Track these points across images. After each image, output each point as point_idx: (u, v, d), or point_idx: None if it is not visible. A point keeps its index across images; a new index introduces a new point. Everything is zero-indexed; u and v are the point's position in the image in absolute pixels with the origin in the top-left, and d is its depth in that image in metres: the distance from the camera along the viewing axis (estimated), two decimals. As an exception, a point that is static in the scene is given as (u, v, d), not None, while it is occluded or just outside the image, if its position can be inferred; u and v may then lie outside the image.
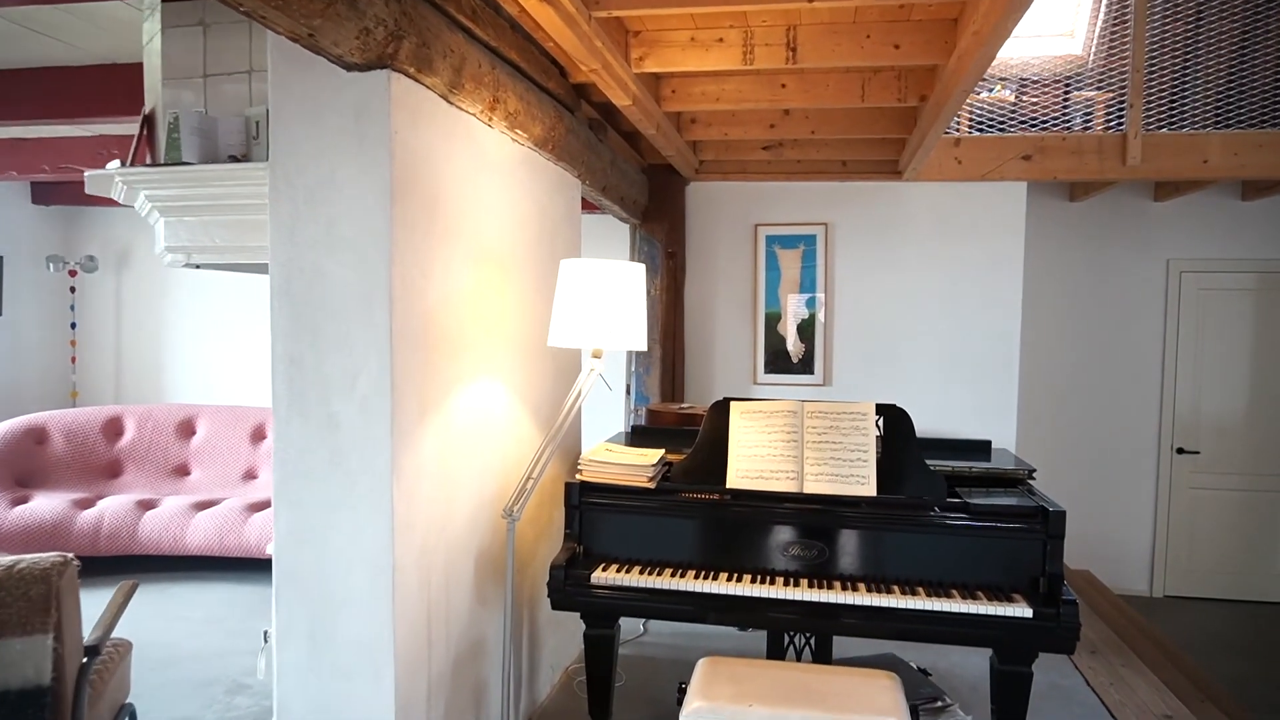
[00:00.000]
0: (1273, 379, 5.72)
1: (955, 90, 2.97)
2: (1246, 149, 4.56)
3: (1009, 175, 4.70)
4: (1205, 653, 4.75)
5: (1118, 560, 5.84)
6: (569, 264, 2.54)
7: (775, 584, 2.49)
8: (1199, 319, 5.77)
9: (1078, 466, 5.86)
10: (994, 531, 2.44)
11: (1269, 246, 5.66)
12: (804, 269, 4.90)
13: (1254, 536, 5.76)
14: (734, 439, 2.69)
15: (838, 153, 4.59)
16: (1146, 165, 4.60)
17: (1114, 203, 5.78)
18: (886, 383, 4.87)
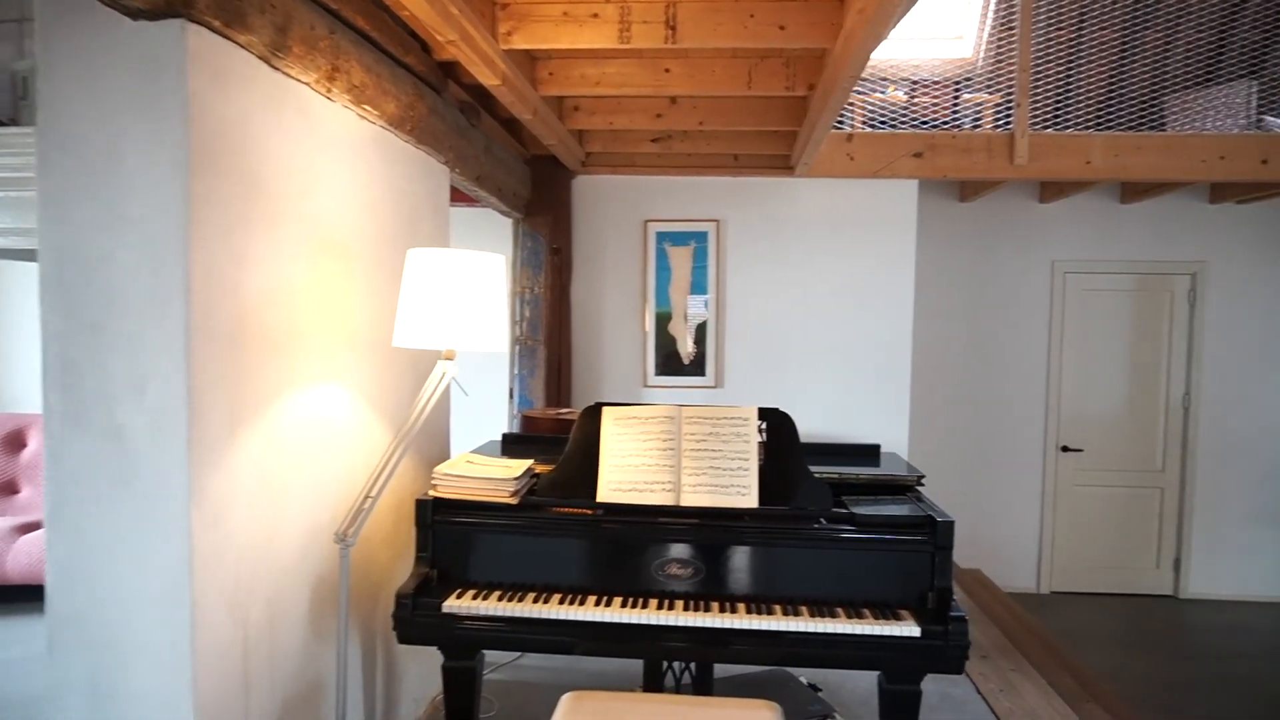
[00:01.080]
0: (1149, 377, 5.86)
1: (843, 76, 2.82)
2: (1126, 150, 4.60)
3: (900, 173, 4.63)
4: (1091, 648, 4.79)
5: (1007, 558, 5.88)
6: (417, 254, 2.26)
7: (649, 608, 2.27)
8: (1082, 319, 5.87)
9: (969, 466, 5.87)
10: (881, 544, 2.28)
11: (1146, 248, 5.80)
12: (695, 267, 4.72)
13: (1134, 531, 5.89)
14: (606, 448, 2.46)
15: (729, 146, 4.42)
16: (1033, 165, 4.60)
17: (1002, 204, 5.82)
18: (780, 384, 4.73)
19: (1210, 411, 5.79)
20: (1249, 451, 5.78)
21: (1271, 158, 4.59)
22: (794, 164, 4.47)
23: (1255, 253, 5.76)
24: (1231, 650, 4.90)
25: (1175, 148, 4.62)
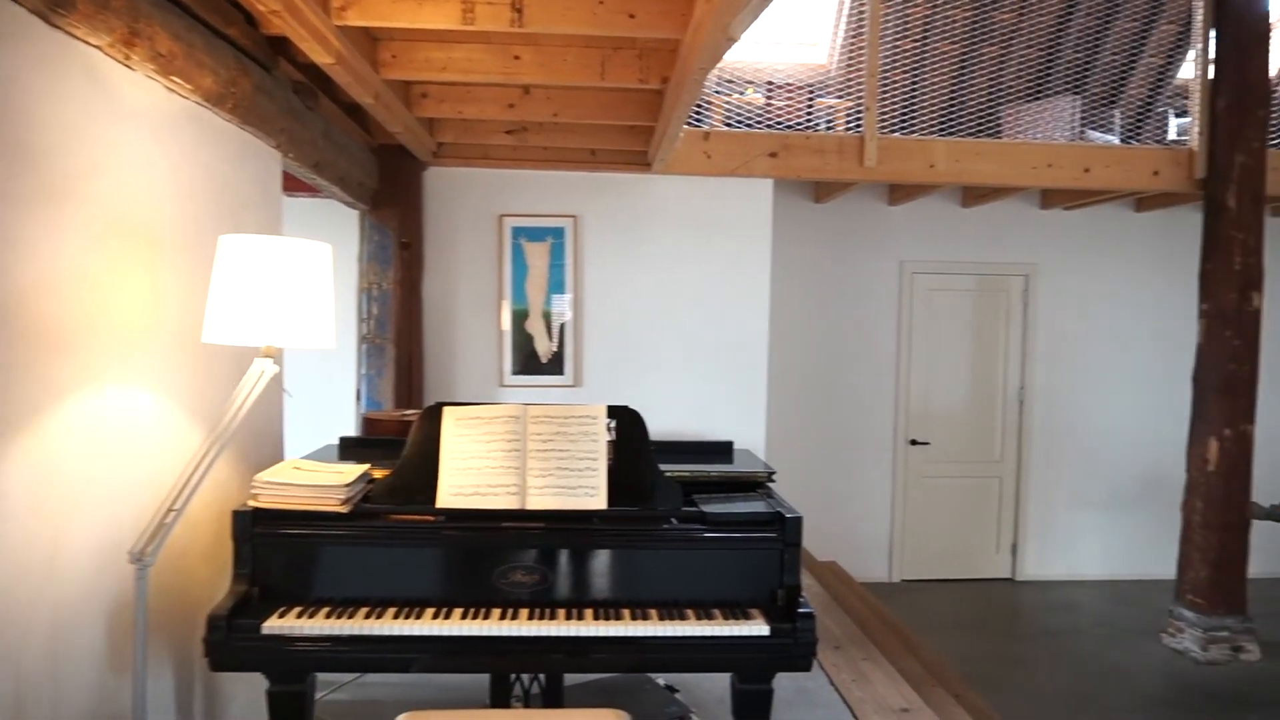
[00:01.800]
0: (989, 373, 6.18)
1: (693, 68, 2.78)
2: (966, 156, 4.81)
3: (756, 171, 4.67)
4: (937, 632, 4.98)
5: (861, 549, 6.06)
6: (231, 241, 2.05)
7: (491, 618, 2.14)
8: (928, 318, 6.13)
9: (824, 461, 6.02)
10: (731, 542, 2.24)
11: (984, 250, 6.11)
12: (553, 264, 4.61)
13: (976, 519, 6.19)
14: (447, 450, 2.32)
15: (586, 140, 4.34)
16: (881, 167, 4.74)
17: (854, 205, 6.00)
18: (639, 382, 4.69)
19: (1041, 404, 6.16)
20: (1075, 441, 6.18)
21: (1093, 167, 4.91)
22: (651, 160, 4.43)
23: (1079, 256, 6.17)
24: (1062, 627, 5.21)
25: (1009, 155, 4.87)
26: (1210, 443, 4.77)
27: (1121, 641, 4.98)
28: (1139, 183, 4.95)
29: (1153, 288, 6.22)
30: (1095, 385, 6.21)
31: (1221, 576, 4.74)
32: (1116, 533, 6.22)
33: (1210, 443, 4.77)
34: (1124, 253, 6.20)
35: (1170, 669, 4.59)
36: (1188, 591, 4.85)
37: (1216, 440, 4.75)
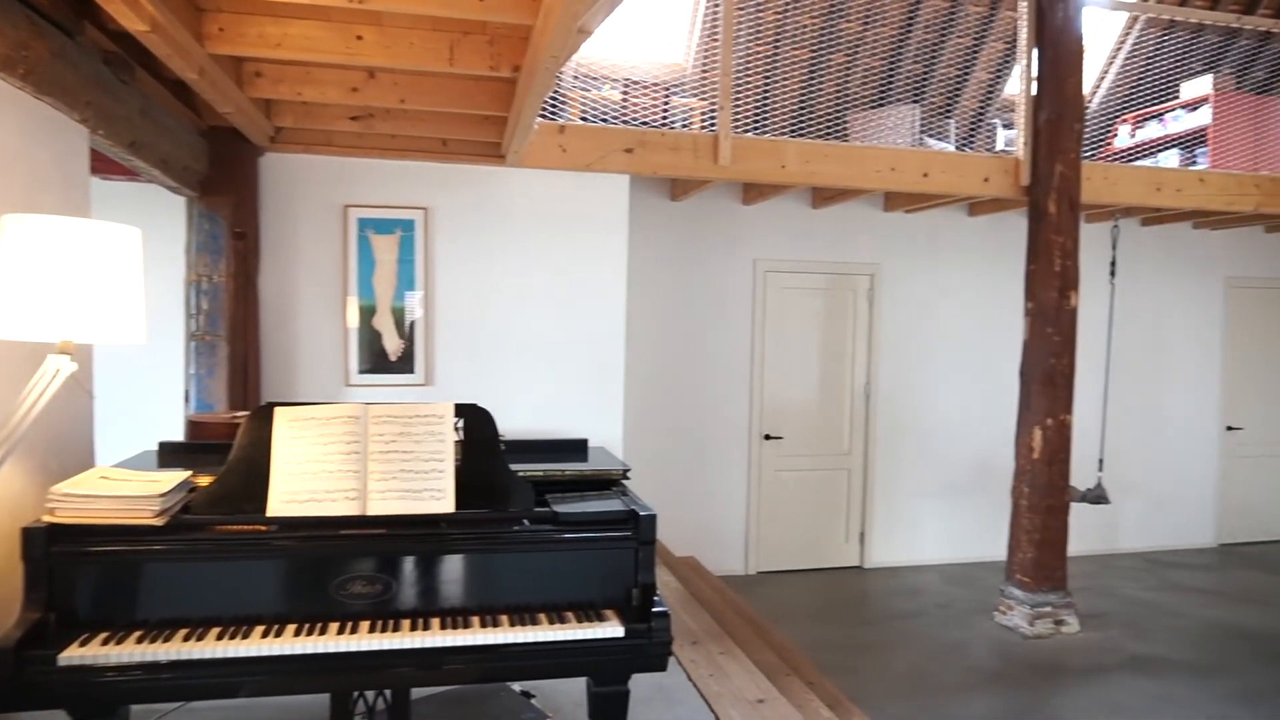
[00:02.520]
0: (837, 369, 6.40)
1: (545, 56, 2.70)
2: (816, 158, 4.95)
3: (612, 167, 4.64)
4: (792, 622, 5.11)
5: (718, 544, 6.15)
6: (17, 222, 1.81)
7: (328, 633, 1.99)
8: (781, 315, 6.29)
9: (681, 457, 6.07)
10: (584, 543, 2.18)
11: (833, 250, 6.33)
12: (402, 257, 4.41)
13: (826, 510, 6.41)
14: (279, 454, 2.14)
15: (436, 129, 4.17)
16: (735, 166, 4.81)
17: (710, 203, 6.08)
18: (495, 380, 4.56)
19: (886, 398, 6.45)
20: (916, 432, 6.51)
21: (931, 172, 5.16)
22: (505, 152, 4.32)
23: (919, 258, 6.49)
24: (906, 610, 5.46)
25: (856, 158, 5.05)
26: (1035, 432, 5.11)
27: (959, 621, 5.27)
28: (972, 188, 5.24)
29: (984, 288, 6.62)
30: (934, 379, 6.55)
31: (1045, 556, 5.09)
32: (954, 518, 6.60)
33: (1035, 432, 5.11)
34: (959, 255, 6.57)
35: (1001, 645, 4.89)
36: (1016, 571, 5.18)
37: (1040, 429, 5.10)
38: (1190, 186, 5.63)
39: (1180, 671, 4.56)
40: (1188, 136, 6.70)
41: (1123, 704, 4.15)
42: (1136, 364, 6.88)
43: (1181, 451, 7.13)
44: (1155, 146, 6.94)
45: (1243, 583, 6.22)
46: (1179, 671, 4.56)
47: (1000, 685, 4.35)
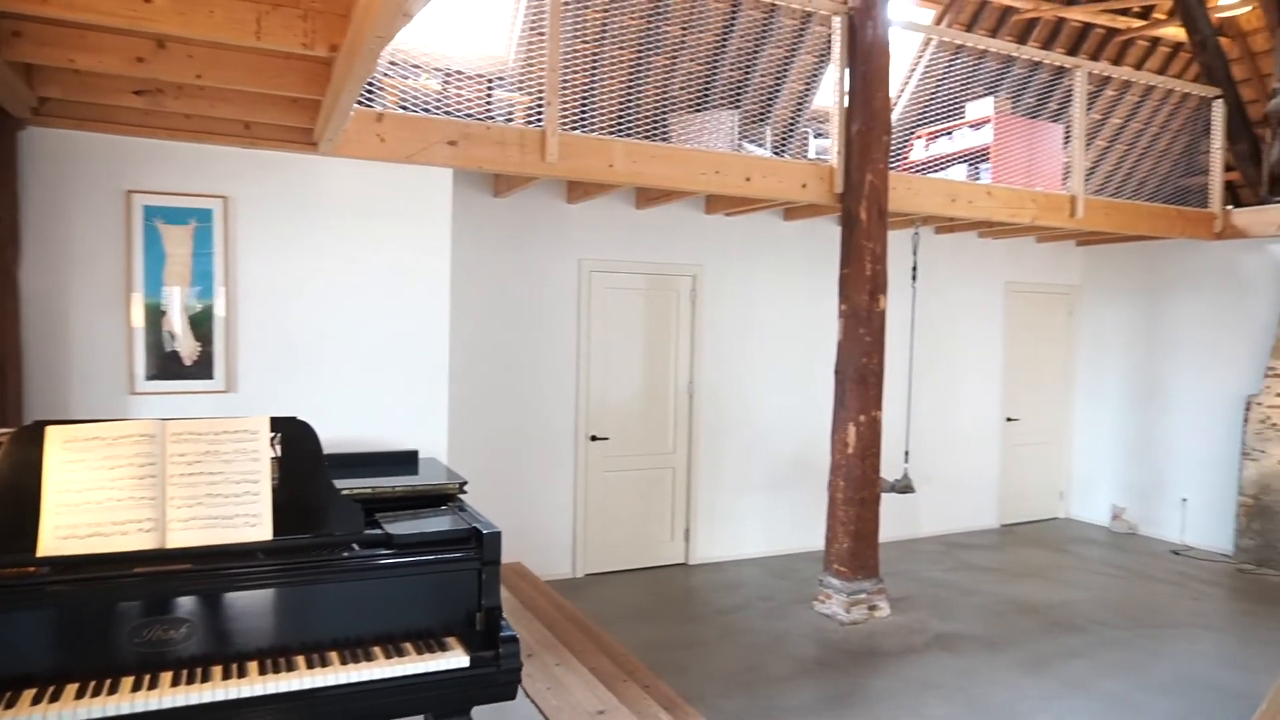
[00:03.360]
0: (661, 369, 6.46)
1: (368, 35, 2.47)
2: (643, 158, 4.94)
3: (435, 160, 4.40)
4: (623, 624, 5.08)
5: (545, 548, 6.04)
6: None
7: (120, 691, 1.71)
8: (605, 315, 6.25)
9: (508, 461, 5.91)
10: (422, 566, 2.01)
11: (656, 251, 6.37)
12: (198, 250, 3.97)
13: (652, 509, 6.45)
14: (52, 482, 1.82)
15: (239, 110, 3.78)
16: (563, 164, 4.71)
17: (534, 201, 5.94)
18: (305, 386, 4.21)
19: (708, 397, 6.57)
20: (737, 430, 6.69)
21: (753, 176, 5.28)
22: (318, 139, 3.98)
23: (739, 260, 6.67)
24: (731, 604, 5.58)
25: (682, 160, 5.08)
26: (849, 428, 5.37)
27: (781, 612, 5.45)
28: (791, 194, 5.43)
29: (799, 290, 6.90)
30: (754, 378, 6.75)
31: (860, 546, 5.36)
32: (773, 512, 6.83)
33: (849, 428, 5.37)
34: (775, 258, 6.81)
35: (821, 632, 5.10)
36: (834, 561, 5.42)
37: (854, 426, 5.36)
38: (980, 199, 6.12)
39: (978, 646, 4.93)
40: (973, 153, 7.28)
41: (932, 681, 4.42)
42: (933, 362, 7.42)
43: (971, 442, 7.77)
44: (945, 161, 7.50)
45: (1022, 559, 6.86)
46: (977, 646, 4.93)
47: (823, 672, 4.52)
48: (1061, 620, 5.39)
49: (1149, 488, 7.68)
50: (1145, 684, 4.42)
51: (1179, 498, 7.40)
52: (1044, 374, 8.21)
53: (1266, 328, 6.84)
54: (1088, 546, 7.30)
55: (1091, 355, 8.23)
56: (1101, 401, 8.12)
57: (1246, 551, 6.75)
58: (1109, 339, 8.07)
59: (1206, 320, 7.29)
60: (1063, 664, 4.67)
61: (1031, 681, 4.44)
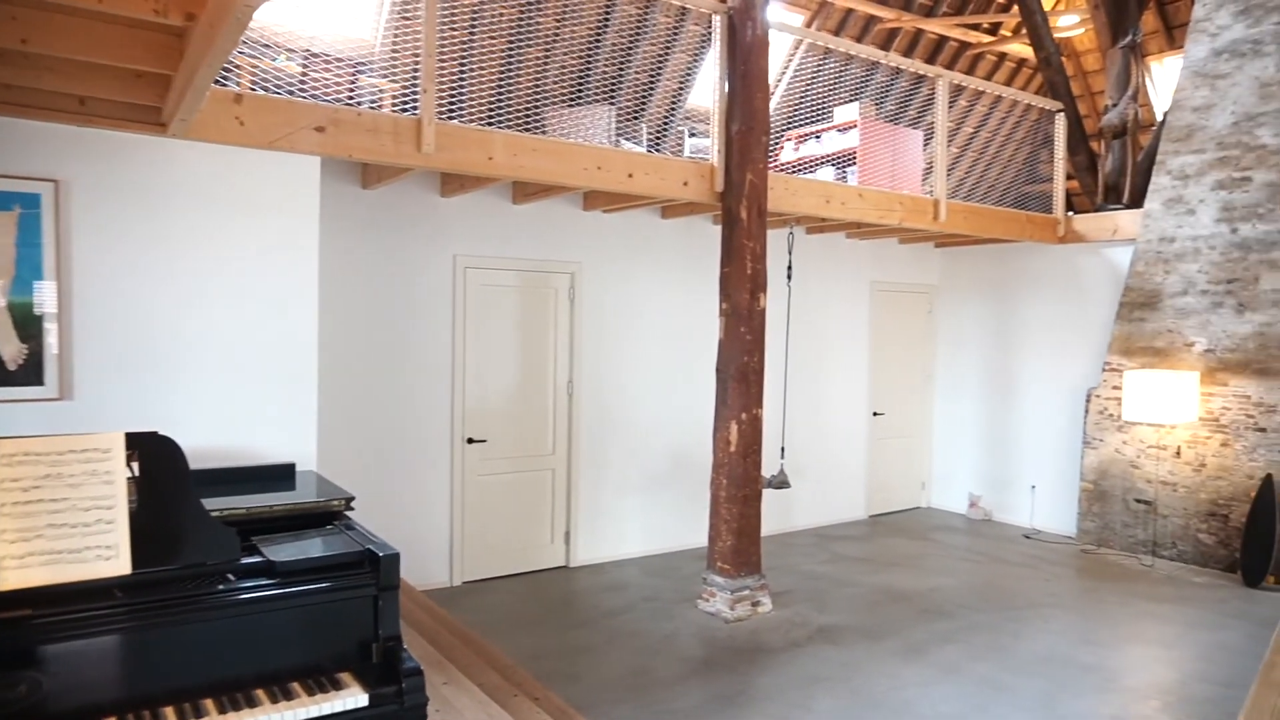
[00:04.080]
0: (540, 368, 6.30)
1: (238, 4, 2.22)
2: (524, 151, 4.77)
3: (301, 147, 4.08)
4: (506, 634, 4.90)
5: (422, 556, 5.76)
6: None
7: (-60, 765, 1.43)
8: (482, 313, 6.04)
9: (380, 467, 5.60)
10: (310, 595, 1.81)
11: (533, 247, 6.20)
12: (24, 240, 3.52)
13: (531, 512, 6.28)
14: None
15: (73, 83, 3.35)
16: (441, 155, 4.48)
17: (405, 194, 5.66)
18: (157, 393, 3.80)
19: (588, 396, 6.47)
20: (617, 429, 6.61)
21: (635, 173, 5.21)
22: (167, 120, 3.60)
23: (618, 258, 6.59)
24: (616, 607, 5.50)
25: (564, 154, 4.94)
26: (731, 426, 5.39)
27: (666, 612, 5.41)
28: (672, 191, 5.39)
29: (678, 288, 6.89)
30: (633, 377, 6.70)
31: (742, 543, 5.39)
32: (654, 511, 6.80)
33: (731, 426, 5.39)
34: (654, 256, 6.77)
35: (707, 631, 5.09)
36: (718, 559, 5.43)
37: (736, 424, 5.38)
38: (852, 200, 6.29)
39: (858, 637, 5.05)
40: (839, 156, 7.49)
41: (817, 674, 4.49)
42: (805, 359, 7.58)
43: (841, 437, 8.01)
44: (814, 163, 7.68)
45: (890, 549, 7.12)
46: (857, 637, 5.05)
47: (712, 672, 4.50)
48: (931, 607, 5.61)
49: (1002, 476, 8.15)
50: (1013, 665, 4.64)
51: (1029, 485, 7.89)
52: (906, 370, 8.57)
53: (1104, 326, 7.38)
54: (949, 534, 7.67)
55: (949, 352, 8.66)
56: (958, 396, 8.56)
57: (1087, 533, 7.26)
58: (965, 336, 8.51)
59: (1052, 319, 7.80)
60: (937, 650, 4.85)
61: (910, 669, 4.58)
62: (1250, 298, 6.41)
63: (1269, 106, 6.38)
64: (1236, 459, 6.40)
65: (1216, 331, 6.57)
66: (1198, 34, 6.81)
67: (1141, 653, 4.92)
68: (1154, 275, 6.96)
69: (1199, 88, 6.76)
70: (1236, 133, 6.54)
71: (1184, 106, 6.85)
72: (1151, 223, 6.99)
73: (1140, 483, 6.91)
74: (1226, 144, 6.60)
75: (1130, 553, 6.94)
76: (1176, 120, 6.89)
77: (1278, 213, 6.29)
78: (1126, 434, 7.01)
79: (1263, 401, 6.29)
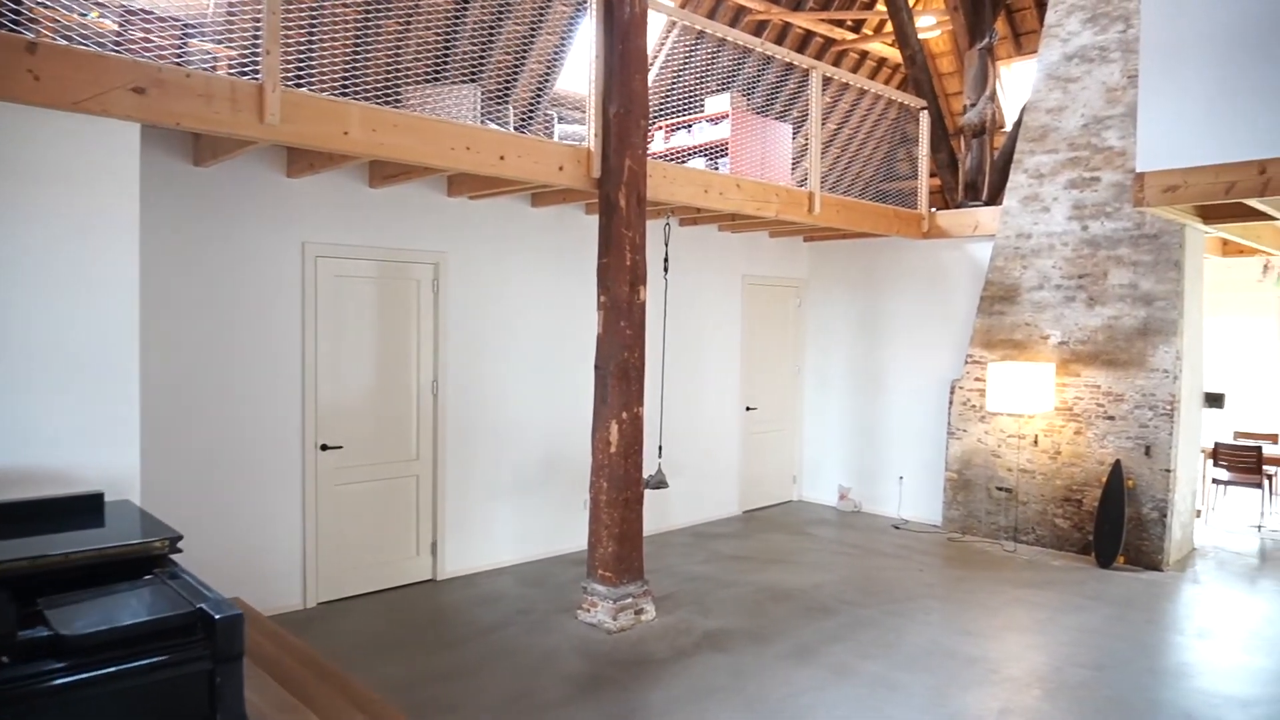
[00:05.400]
0: (402, 366, 5.80)
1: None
2: (385, 127, 4.30)
3: (115, 110, 3.47)
4: (369, 661, 4.43)
5: (269, 577, 5.18)
6: None
7: None
8: (336, 307, 5.48)
9: (218, 479, 4.97)
10: (118, 680, 1.37)
11: (393, 235, 5.70)
12: None
13: (394, 523, 5.79)
14: None
15: None
16: (288, 127, 3.95)
17: (245, 173, 5.04)
18: (-73, 403, 3.12)
19: (455, 395, 6.02)
20: (487, 430, 6.19)
21: (508, 155, 4.82)
22: (-63, 69, 2.95)
23: (486, 247, 6.17)
24: (490, 622, 5.11)
25: (429, 132, 4.50)
26: (612, 426, 5.10)
27: (544, 625, 5.07)
28: (547, 176, 5.03)
29: (550, 280, 6.54)
30: (504, 374, 6.30)
31: (624, 549, 5.11)
32: (527, 516, 6.43)
33: (612, 426, 5.10)
34: (525, 246, 6.39)
35: (589, 644, 4.79)
36: (599, 567, 5.13)
37: (617, 424, 5.09)
38: (731, 191, 6.12)
39: (746, 640, 4.88)
40: (711, 147, 7.33)
41: (709, 685, 4.27)
42: (682, 354, 7.40)
43: (715, 432, 7.89)
44: (686, 154, 7.50)
45: (767, 545, 7.04)
46: (745, 641, 4.88)
47: (600, 690, 4.20)
48: (814, 605, 5.53)
49: (870, 468, 8.26)
50: (900, 662, 4.59)
51: (896, 476, 8.03)
52: (777, 364, 8.56)
53: (967, 319, 7.58)
54: (821, 527, 7.69)
55: (818, 345, 8.71)
56: (827, 389, 8.62)
57: (953, 521, 7.45)
58: (833, 330, 8.57)
59: (916, 312, 7.95)
60: (826, 650, 4.74)
61: (802, 673, 4.44)
62: (1100, 292, 6.71)
63: (1115, 110, 6.68)
64: (1089, 446, 6.69)
65: (1069, 324, 6.85)
66: (1050, 39, 7.07)
67: (1017, 640, 5.00)
68: (1012, 270, 7.19)
69: (1052, 90, 7.02)
70: (1086, 134, 6.83)
71: (1039, 108, 7.10)
72: (1010, 219, 7.22)
73: (1001, 471, 7.13)
74: (1077, 145, 6.88)
75: (993, 539, 7.16)
76: (1032, 121, 7.14)
77: (1124, 211, 6.61)
78: (988, 424, 7.22)
79: (1111, 391, 6.60)
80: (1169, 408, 6.32)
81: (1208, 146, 4.70)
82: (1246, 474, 7.57)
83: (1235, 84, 4.60)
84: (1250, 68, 4.55)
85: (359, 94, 5.64)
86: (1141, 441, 6.41)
